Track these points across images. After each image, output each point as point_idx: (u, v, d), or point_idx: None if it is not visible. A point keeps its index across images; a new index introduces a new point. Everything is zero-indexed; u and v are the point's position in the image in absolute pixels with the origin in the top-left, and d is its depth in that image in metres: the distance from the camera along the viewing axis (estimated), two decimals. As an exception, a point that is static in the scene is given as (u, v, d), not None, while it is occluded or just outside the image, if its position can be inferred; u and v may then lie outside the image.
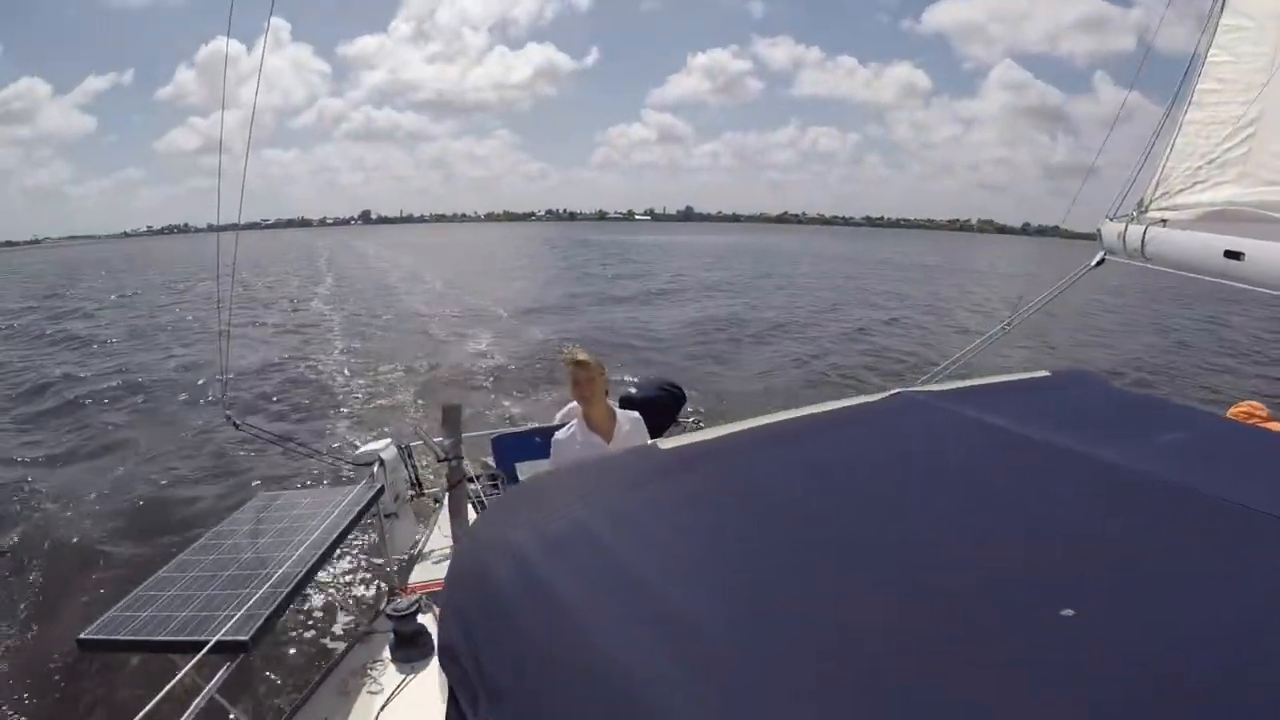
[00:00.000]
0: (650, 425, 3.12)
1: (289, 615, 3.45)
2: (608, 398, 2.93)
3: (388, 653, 2.58)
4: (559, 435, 2.81)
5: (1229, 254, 2.78)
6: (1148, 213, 3.56)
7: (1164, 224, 3.43)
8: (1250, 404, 3.41)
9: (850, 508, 1.04)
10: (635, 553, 0.93)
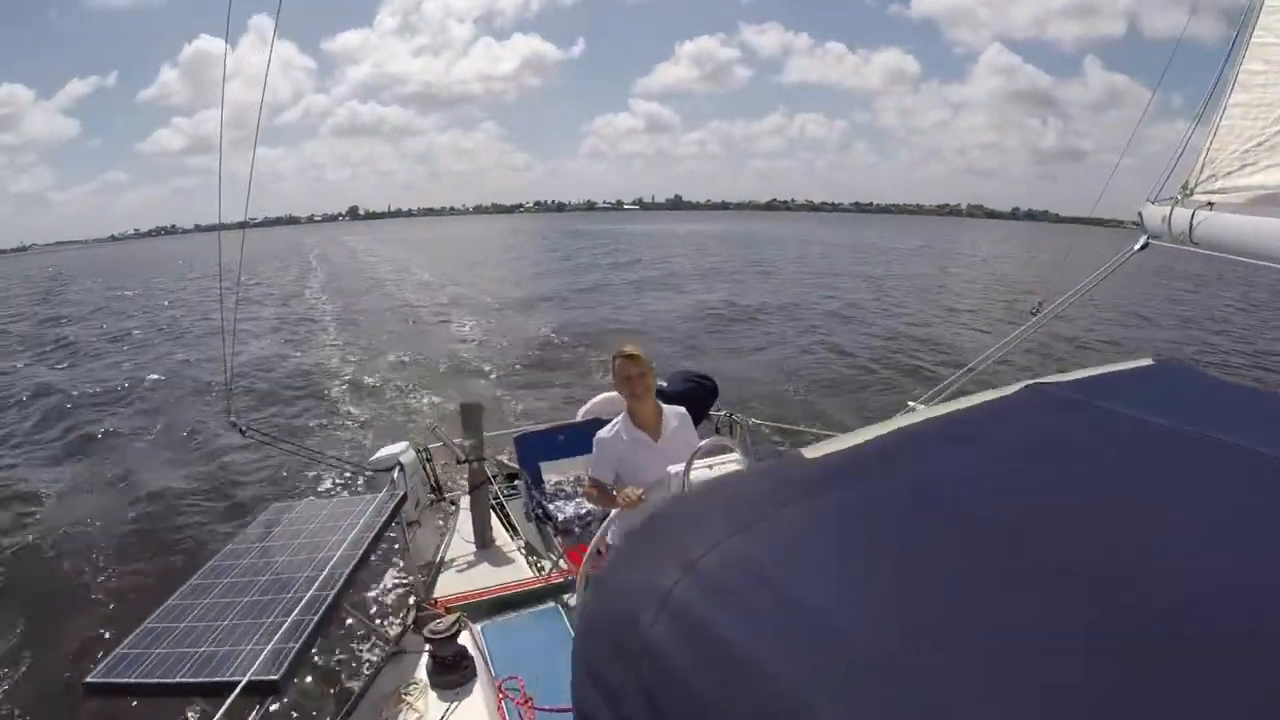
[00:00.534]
0: None
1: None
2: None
3: (422, 674, 2.41)
4: (602, 434, 2.64)
5: None
6: (1192, 196, 3.45)
7: (1210, 207, 3.33)
8: None
9: (1033, 518, 0.88)
10: (818, 588, 0.76)
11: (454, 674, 2.30)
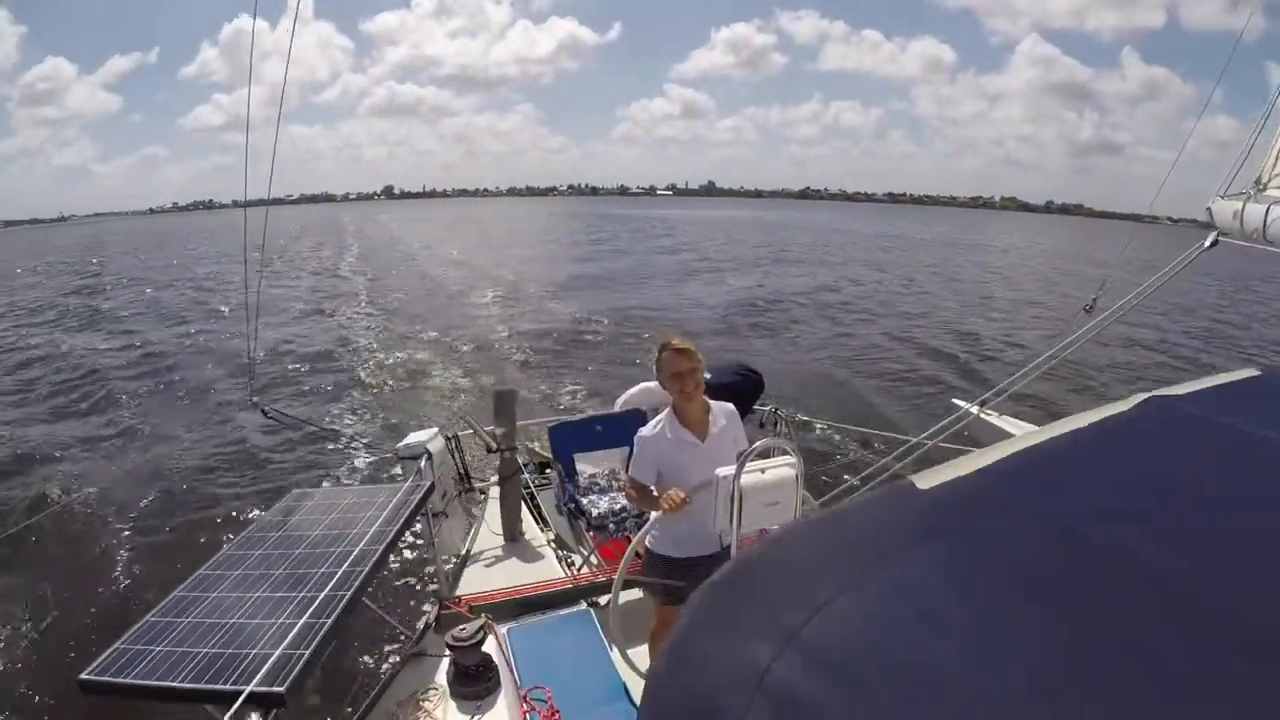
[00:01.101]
0: None
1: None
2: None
3: (442, 679, 2.25)
4: (644, 432, 2.42)
5: None
6: (1265, 191, 3.11)
7: (1285, 203, 3.00)
8: None
9: (1200, 564, 0.73)
10: (955, 660, 0.58)
11: (477, 684, 2.12)
